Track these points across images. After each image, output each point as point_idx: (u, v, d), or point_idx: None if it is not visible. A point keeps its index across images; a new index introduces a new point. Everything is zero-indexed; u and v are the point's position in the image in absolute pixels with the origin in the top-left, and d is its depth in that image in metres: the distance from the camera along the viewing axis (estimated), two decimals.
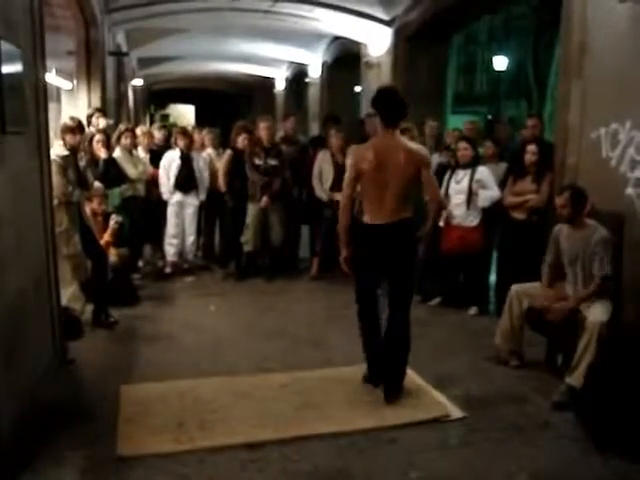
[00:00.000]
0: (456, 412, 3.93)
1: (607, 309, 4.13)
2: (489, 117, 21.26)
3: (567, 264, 4.44)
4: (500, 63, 19.30)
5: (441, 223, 6.06)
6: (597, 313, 4.06)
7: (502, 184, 5.96)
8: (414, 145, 4.25)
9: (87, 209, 5.72)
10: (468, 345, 5.15)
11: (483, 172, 5.93)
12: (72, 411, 3.84)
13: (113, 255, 5.93)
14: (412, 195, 4.19)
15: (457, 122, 11.49)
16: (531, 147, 5.65)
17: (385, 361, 4.18)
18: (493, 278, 6.33)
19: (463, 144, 6.05)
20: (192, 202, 7.44)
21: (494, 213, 5.93)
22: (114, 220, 5.99)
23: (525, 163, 5.66)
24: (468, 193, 5.89)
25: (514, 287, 4.69)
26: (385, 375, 4.18)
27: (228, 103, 26.23)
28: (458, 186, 5.98)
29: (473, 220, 5.94)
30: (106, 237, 5.92)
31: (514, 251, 5.67)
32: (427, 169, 4.12)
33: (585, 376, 3.82)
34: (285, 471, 3.27)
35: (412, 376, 4.44)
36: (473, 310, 6.06)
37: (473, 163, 5.97)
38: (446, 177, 6.10)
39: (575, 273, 4.39)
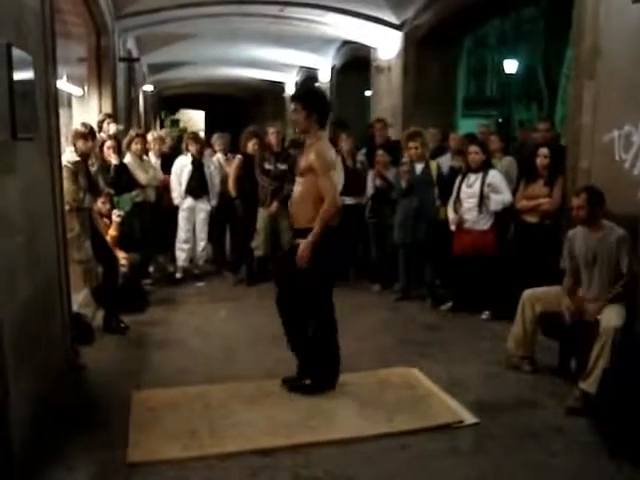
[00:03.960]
0: (468, 418, 3.88)
1: (621, 314, 4.07)
2: (500, 120, 21.23)
3: (583, 267, 4.39)
4: (510, 66, 19.26)
5: (452, 227, 6.04)
6: (611, 318, 4.01)
7: (515, 182, 5.97)
8: None
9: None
10: (480, 350, 5.11)
11: (495, 176, 5.89)
12: (83, 416, 3.84)
13: (123, 259, 5.95)
14: None
15: (468, 126, 11.47)
16: (543, 150, 5.62)
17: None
18: (505, 282, 6.28)
19: (473, 148, 6.02)
20: (203, 207, 7.44)
21: (506, 217, 5.90)
22: (116, 214, 6.06)
23: (537, 166, 5.63)
24: (480, 197, 5.86)
25: (526, 292, 4.65)
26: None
27: (238, 108, 26.29)
28: (470, 190, 5.95)
29: (485, 224, 5.91)
30: (111, 232, 5.97)
31: (526, 255, 5.63)
32: None
33: (599, 382, 3.77)
34: (296, 478, 3.24)
35: (423, 381, 4.41)
36: (485, 314, 6.01)
37: (485, 167, 5.94)
38: (458, 181, 6.08)
39: (591, 276, 4.34)
